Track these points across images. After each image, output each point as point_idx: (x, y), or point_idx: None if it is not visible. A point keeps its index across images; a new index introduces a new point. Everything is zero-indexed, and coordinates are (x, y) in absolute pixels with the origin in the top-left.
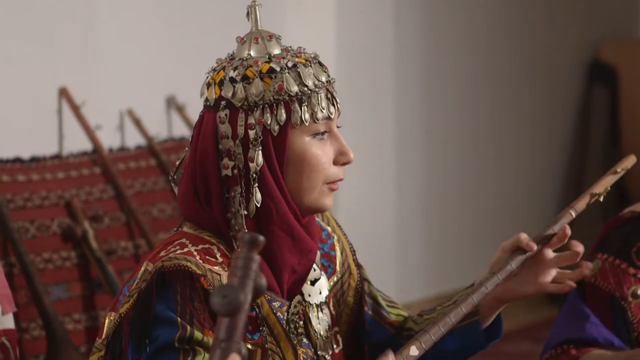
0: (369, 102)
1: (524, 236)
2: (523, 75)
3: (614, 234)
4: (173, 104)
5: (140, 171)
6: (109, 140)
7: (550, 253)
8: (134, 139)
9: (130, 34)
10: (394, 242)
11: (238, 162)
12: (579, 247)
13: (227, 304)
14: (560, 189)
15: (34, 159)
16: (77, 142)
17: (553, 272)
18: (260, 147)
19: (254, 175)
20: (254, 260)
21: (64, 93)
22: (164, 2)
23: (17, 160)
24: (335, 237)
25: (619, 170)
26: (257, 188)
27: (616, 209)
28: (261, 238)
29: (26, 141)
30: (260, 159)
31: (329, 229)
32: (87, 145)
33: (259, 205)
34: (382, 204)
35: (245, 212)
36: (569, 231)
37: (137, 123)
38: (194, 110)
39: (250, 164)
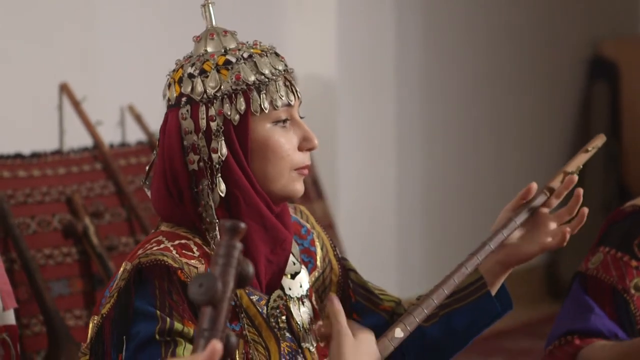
0: (370, 101)
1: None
2: (524, 73)
3: (616, 227)
4: None
5: (141, 167)
6: (109, 136)
7: (547, 212)
8: (134, 135)
9: (131, 30)
10: (394, 241)
11: (203, 155)
12: (579, 193)
13: (203, 292)
14: None
15: (35, 155)
16: (77, 138)
17: (552, 230)
18: (223, 138)
19: (217, 165)
20: (236, 248)
21: (64, 89)
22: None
23: (18, 156)
24: (315, 233)
25: (590, 149)
26: (220, 178)
27: (617, 203)
28: (242, 225)
29: (27, 137)
30: (224, 150)
31: (308, 225)
32: (88, 141)
33: (222, 195)
34: (382, 204)
35: (212, 204)
36: (575, 178)
37: (138, 119)
38: None
39: (214, 155)
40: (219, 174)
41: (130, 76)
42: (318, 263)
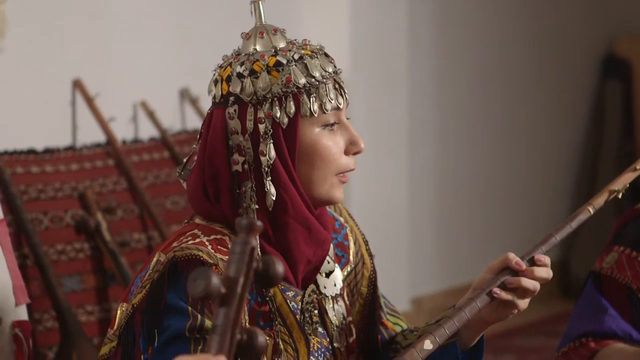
0: (383, 97)
1: (511, 255)
2: (537, 70)
3: (630, 226)
4: (186, 96)
5: (153, 163)
6: (122, 132)
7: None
8: (147, 131)
9: (144, 26)
10: (406, 236)
11: (248, 157)
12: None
13: (197, 286)
14: (574, 184)
15: (48, 151)
16: (90, 134)
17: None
18: (271, 141)
19: (266, 169)
20: (250, 245)
21: (77, 85)
22: None
23: (31, 151)
24: (348, 228)
25: (638, 167)
26: (270, 182)
27: (631, 202)
28: (259, 223)
29: (40, 133)
30: (273, 153)
31: (342, 219)
32: (100, 137)
33: (274, 199)
34: (394, 198)
35: (257, 207)
36: (547, 261)
37: (151, 115)
38: (208, 103)
39: (262, 158)
40: (269, 178)
41: (143, 73)
42: (351, 258)
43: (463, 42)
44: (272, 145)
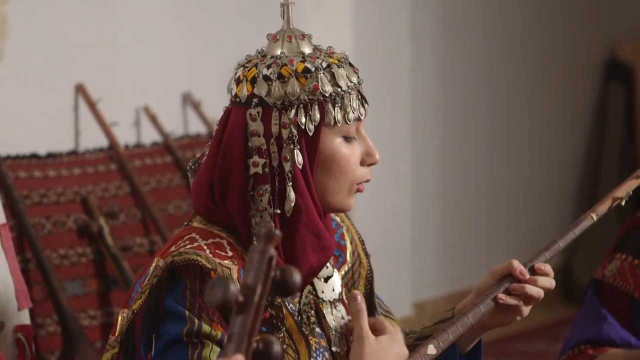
0: (386, 102)
1: (516, 263)
2: (539, 74)
3: (633, 234)
4: (189, 101)
5: (156, 168)
6: (125, 136)
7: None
8: (150, 136)
9: (147, 30)
10: (409, 240)
11: (272, 161)
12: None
13: (214, 294)
14: (576, 188)
15: (50, 155)
16: (93, 139)
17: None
18: (298, 147)
19: (289, 174)
20: (268, 254)
21: (80, 89)
22: None
23: (34, 156)
24: (344, 227)
25: None
26: (291, 187)
27: (633, 209)
28: (278, 232)
29: (42, 137)
30: (300, 159)
31: (338, 219)
32: (103, 142)
33: (293, 204)
34: (397, 203)
35: (278, 211)
36: (549, 269)
37: (153, 120)
38: (210, 107)
39: (285, 163)
40: (291, 183)
41: (145, 77)
42: (348, 257)
43: (466, 47)
44: (298, 151)
